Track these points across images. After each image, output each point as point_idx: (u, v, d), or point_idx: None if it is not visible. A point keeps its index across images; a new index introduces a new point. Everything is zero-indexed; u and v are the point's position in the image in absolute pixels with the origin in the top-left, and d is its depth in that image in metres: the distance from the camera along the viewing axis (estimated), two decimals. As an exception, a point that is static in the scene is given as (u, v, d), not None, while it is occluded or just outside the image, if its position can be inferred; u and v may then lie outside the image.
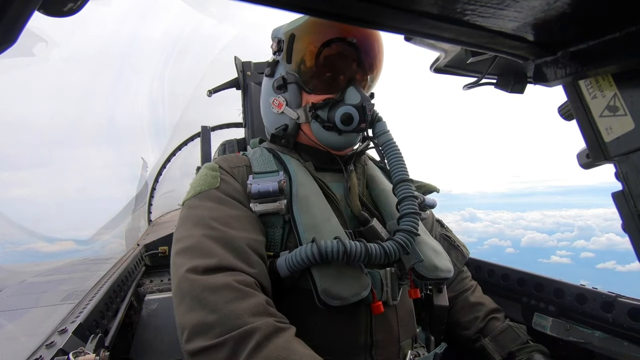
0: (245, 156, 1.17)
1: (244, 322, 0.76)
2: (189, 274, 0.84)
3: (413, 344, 1.09)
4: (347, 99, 1.06)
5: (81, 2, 0.34)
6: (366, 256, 0.90)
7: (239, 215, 0.97)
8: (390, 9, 0.39)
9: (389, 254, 0.92)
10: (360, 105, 1.04)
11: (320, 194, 1.06)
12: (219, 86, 2.25)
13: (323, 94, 1.09)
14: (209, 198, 0.99)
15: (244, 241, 0.91)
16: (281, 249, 0.99)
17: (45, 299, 1.51)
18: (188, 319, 0.80)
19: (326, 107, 1.08)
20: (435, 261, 1.04)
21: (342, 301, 0.89)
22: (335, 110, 1.06)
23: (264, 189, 0.99)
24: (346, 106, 1.04)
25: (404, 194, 0.99)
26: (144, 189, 4.34)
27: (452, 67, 0.73)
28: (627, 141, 0.49)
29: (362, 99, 1.04)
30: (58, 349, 0.96)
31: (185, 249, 0.90)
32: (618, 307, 1.07)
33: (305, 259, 0.88)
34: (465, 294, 1.32)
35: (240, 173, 1.08)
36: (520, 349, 1.13)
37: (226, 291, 0.80)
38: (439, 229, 1.38)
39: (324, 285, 0.89)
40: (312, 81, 1.09)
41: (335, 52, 1.06)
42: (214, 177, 1.03)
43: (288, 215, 1.01)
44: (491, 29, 0.46)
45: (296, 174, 1.07)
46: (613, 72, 0.50)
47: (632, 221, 0.49)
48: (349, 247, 0.88)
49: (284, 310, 0.90)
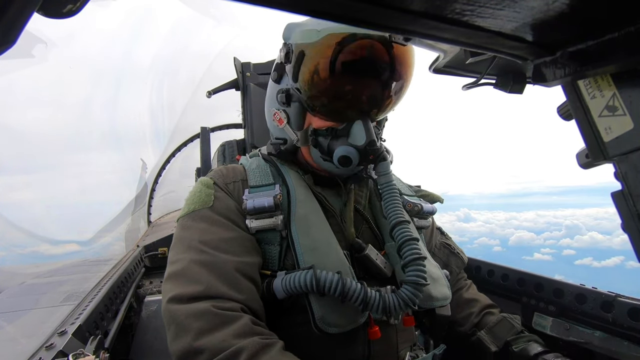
0: (242, 167, 1.15)
1: (229, 344, 0.77)
2: (173, 303, 0.85)
3: (412, 347, 1.09)
4: (351, 135, 0.98)
5: (80, 4, 0.34)
6: (362, 303, 0.88)
7: (231, 237, 0.96)
8: (389, 9, 0.39)
9: (388, 308, 0.88)
10: (363, 149, 0.96)
11: (319, 212, 1.03)
12: (219, 87, 2.26)
13: (327, 121, 1.01)
14: (201, 218, 0.98)
15: (234, 265, 0.90)
16: (279, 267, 0.98)
17: (44, 301, 1.51)
18: (175, 346, 0.82)
19: (328, 136, 1.01)
20: (431, 290, 1.02)
21: (339, 328, 0.90)
22: (335, 144, 0.99)
23: (259, 205, 0.97)
24: (347, 147, 0.97)
25: (402, 237, 0.93)
26: (144, 190, 4.35)
27: (451, 67, 0.73)
28: (626, 141, 0.49)
29: (366, 141, 0.95)
30: (58, 351, 0.96)
31: (174, 274, 0.91)
32: (618, 307, 1.07)
33: (304, 286, 0.87)
34: (459, 292, 1.32)
35: (236, 188, 1.06)
36: (515, 339, 1.13)
37: (209, 316, 0.81)
38: (438, 237, 1.38)
39: (320, 313, 0.89)
40: (317, 104, 1.00)
41: (347, 81, 0.96)
42: (207, 195, 1.02)
43: (285, 231, 0.99)
44: (490, 30, 0.46)
45: (295, 190, 1.04)
46: (612, 72, 0.50)
47: (632, 221, 0.49)
48: (347, 288, 0.86)
49: (282, 327, 0.91)
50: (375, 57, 0.94)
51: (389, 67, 0.96)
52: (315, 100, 0.99)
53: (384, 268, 1.03)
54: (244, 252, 0.94)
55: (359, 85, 0.97)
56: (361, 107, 0.99)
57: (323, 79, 0.95)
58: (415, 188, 1.33)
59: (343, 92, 0.97)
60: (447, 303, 1.07)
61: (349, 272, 0.95)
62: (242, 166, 1.16)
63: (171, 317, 0.84)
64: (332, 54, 0.92)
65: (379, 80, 0.97)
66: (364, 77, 0.97)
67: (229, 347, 0.77)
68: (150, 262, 2.72)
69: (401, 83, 1.00)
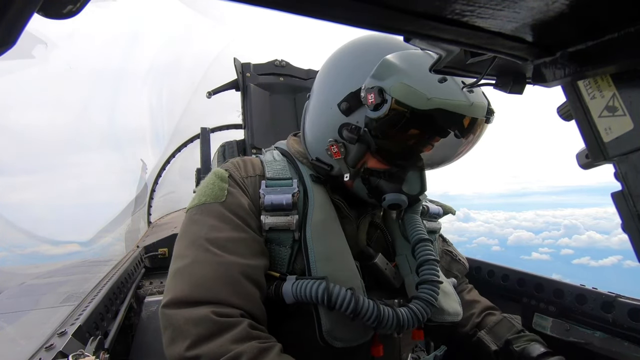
0: (259, 160, 1.11)
1: (227, 349, 0.76)
2: (171, 306, 0.84)
3: (414, 349, 1.09)
4: (407, 183, 0.95)
5: (81, 4, 0.34)
6: (376, 320, 0.85)
7: (239, 237, 0.92)
8: (389, 10, 0.39)
9: (402, 322, 0.87)
10: (413, 197, 0.96)
11: (336, 220, 1.01)
12: (219, 87, 2.26)
13: (384, 165, 0.97)
14: (211, 213, 0.95)
15: (239, 268, 0.88)
16: (288, 270, 0.96)
17: (44, 301, 1.51)
18: (171, 351, 0.81)
19: (381, 177, 0.97)
20: (444, 304, 1.02)
21: (345, 343, 0.89)
22: (387, 187, 0.95)
23: (277, 202, 0.95)
24: (400, 195, 0.94)
25: (423, 255, 0.93)
26: (144, 191, 4.35)
27: (451, 67, 0.72)
28: (626, 141, 0.49)
29: (421, 191, 0.96)
30: (57, 352, 0.95)
31: (178, 272, 0.89)
32: (618, 307, 1.07)
33: (314, 297, 0.86)
34: (461, 294, 1.31)
35: (252, 183, 1.01)
36: (516, 338, 1.12)
37: (208, 323, 0.80)
38: (440, 245, 1.37)
39: (329, 326, 0.88)
40: (385, 149, 0.95)
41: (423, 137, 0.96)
42: (221, 189, 0.97)
43: (298, 233, 0.96)
44: (490, 30, 0.46)
45: (313, 193, 1.01)
46: (612, 72, 0.50)
47: (632, 221, 0.49)
48: (360, 306, 0.85)
49: (284, 331, 0.90)
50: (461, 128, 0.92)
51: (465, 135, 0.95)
52: (385, 145, 0.95)
53: (393, 279, 1.02)
54: (251, 254, 0.92)
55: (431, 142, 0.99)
56: (427, 159, 1.01)
57: (406, 134, 0.94)
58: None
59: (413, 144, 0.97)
60: (458, 319, 1.06)
61: (360, 287, 0.94)
62: (259, 159, 1.11)
63: (168, 320, 0.83)
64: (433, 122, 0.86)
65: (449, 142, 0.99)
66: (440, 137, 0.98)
67: (227, 352, 0.76)
68: (150, 262, 2.72)
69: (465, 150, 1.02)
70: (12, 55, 0.35)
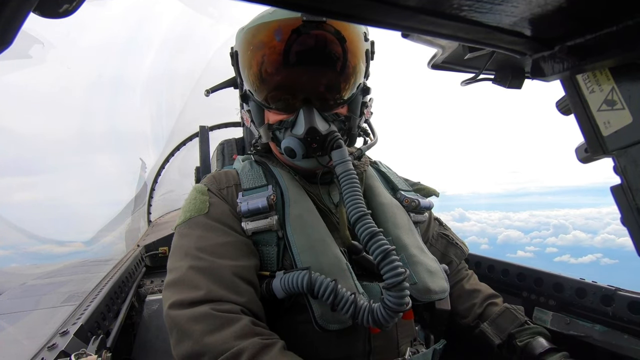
0: (235, 171, 1.16)
1: (230, 345, 0.78)
2: (173, 309, 0.87)
3: (412, 342, 1.09)
4: (295, 126, 0.98)
5: (76, 4, 0.34)
6: (351, 315, 0.86)
7: (227, 242, 0.96)
8: (387, 5, 0.39)
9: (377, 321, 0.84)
10: (303, 138, 0.95)
11: (314, 211, 1.03)
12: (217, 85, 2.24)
13: (279, 114, 1.03)
14: (197, 225, 1.00)
15: (231, 269, 0.91)
16: (277, 267, 0.99)
17: (46, 301, 1.51)
18: (178, 351, 0.83)
19: (281, 129, 1.02)
20: (429, 283, 1.01)
21: (340, 325, 0.90)
22: (280, 135, 1.02)
23: (254, 207, 0.99)
24: (290, 138, 0.97)
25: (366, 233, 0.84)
26: (143, 190, 4.34)
27: (449, 63, 0.72)
28: (625, 135, 0.49)
29: (305, 129, 0.94)
30: (60, 351, 0.96)
31: (173, 282, 0.92)
32: (618, 301, 1.08)
33: (300, 287, 0.88)
34: (460, 283, 1.31)
35: (230, 193, 1.07)
36: (519, 331, 1.12)
37: (210, 320, 0.82)
38: (436, 228, 1.38)
39: (320, 311, 0.89)
40: (261, 99, 1.04)
41: (276, 71, 0.96)
42: (202, 202, 1.04)
43: (281, 231, 1.00)
44: (488, 25, 0.46)
45: (288, 190, 1.05)
46: (610, 66, 0.49)
47: (631, 215, 0.49)
48: (339, 298, 0.85)
49: (283, 326, 0.91)
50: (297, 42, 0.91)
51: (313, 51, 0.93)
52: (258, 95, 1.03)
53: None
54: (241, 255, 0.95)
55: (288, 74, 0.96)
56: (296, 94, 0.99)
57: (255, 73, 0.99)
58: (411, 182, 1.33)
59: (277, 83, 0.98)
60: (445, 296, 1.06)
61: (346, 270, 0.95)
62: (234, 170, 1.17)
63: (173, 322, 0.85)
64: (253, 48, 0.97)
65: (308, 65, 0.96)
66: (290, 66, 0.95)
67: (230, 348, 0.77)
68: (151, 261, 2.73)
69: (335, 63, 0.97)
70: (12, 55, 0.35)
